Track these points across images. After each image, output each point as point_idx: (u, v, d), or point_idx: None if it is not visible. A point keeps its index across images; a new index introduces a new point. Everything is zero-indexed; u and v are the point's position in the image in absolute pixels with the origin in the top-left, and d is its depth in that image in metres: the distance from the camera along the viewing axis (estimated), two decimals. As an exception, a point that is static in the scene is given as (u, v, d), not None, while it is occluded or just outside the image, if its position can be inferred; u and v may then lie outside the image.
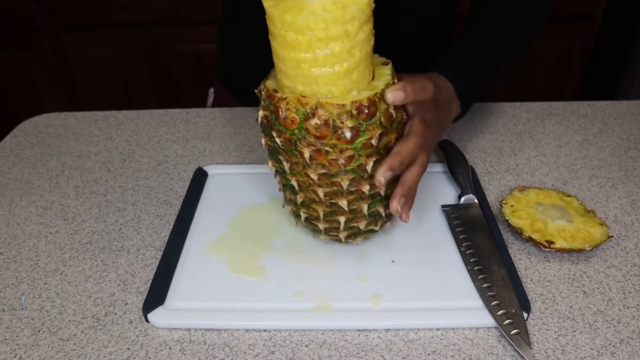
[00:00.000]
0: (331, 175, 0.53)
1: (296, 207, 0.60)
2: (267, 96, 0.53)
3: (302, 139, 0.51)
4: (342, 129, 0.50)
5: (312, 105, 0.50)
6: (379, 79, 0.54)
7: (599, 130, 0.90)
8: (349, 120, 0.50)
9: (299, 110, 0.51)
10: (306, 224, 0.61)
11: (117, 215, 0.72)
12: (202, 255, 0.63)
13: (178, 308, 0.56)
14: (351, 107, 0.50)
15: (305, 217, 0.59)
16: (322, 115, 0.50)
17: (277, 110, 0.52)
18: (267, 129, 0.54)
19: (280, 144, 0.53)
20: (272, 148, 0.55)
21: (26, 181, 0.79)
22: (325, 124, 0.50)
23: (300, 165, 0.54)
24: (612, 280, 0.60)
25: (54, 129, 0.93)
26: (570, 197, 0.70)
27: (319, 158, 0.52)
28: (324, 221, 0.58)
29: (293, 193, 0.58)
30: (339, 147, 0.51)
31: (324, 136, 0.51)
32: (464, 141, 0.86)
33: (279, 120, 0.52)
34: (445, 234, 0.66)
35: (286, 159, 0.54)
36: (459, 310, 0.55)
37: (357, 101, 0.50)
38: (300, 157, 0.52)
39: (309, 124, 0.50)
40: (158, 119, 0.95)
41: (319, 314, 0.55)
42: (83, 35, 2.07)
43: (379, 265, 0.61)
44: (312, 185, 0.55)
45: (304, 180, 0.55)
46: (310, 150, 0.51)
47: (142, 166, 0.82)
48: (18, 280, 0.61)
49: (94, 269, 0.63)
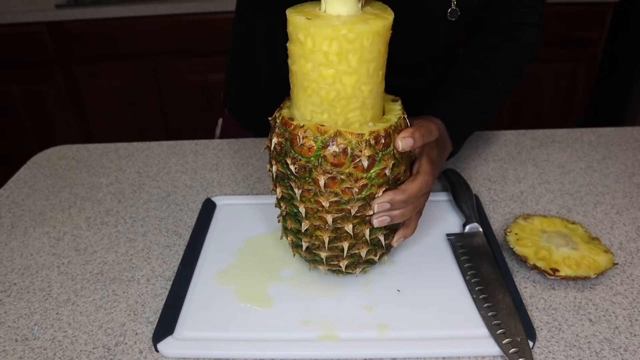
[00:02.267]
0: (342, 203, 0.54)
1: (297, 237, 0.60)
2: (282, 124, 0.54)
3: (318, 167, 0.52)
4: (359, 157, 0.52)
5: (331, 133, 0.52)
6: (391, 113, 0.57)
7: (603, 156, 0.90)
8: (366, 149, 0.52)
9: (317, 138, 0.52)
10: (306, 254, 0.61)
11: (128, 246, 0.73)
12: (211, 285, 0.64)
13: (187, 338, 0.57)
14: (369, 137, 0.52)
15: (306, 247, 0.60)
16: (341, 143, 0.51)
17: (293, 137, 0.53)
18: (280, 155, 0.55)
19: (294, 171, 0.54)
20: (283, 174, 0.56)
21: (39, 212, 0.81)
22: (343, 152, 0.52)
23: (312, 193, 0.54)
24: (619, 308, 0.60)
25: (67, 160, 0.95)
26: (574, 225, 0.71)
27: (333, 186, 0.53)
28: (328, 249, 0.59)
29: (296, 221, 0.59)
30: (355, 175, 0.53)
31: (340, 164, 0.52)
32: (468, 170, 0.87)
33: (295, 148, 0.53)
34: (450, 263, 0.66)
35: (298, 186, 0.55)
36: (465, 339, 0.55)
37: (375, 131, 0.52)
38: (314, 184, 0.53)
39: (327, 151, 0.52)
40: (167, 151, 0.97)
41: (325, 344, 0.56)
42: (94, 67, 2.12)
43: (384, 295, 0.62)
44: (321, 212, 0.55)
45: (313, 207, 0.55)
46: (325, 178, 0.53)
47: (152, 197, 0.84)
48: (31, 311, 0.63)
49: (105, 299, 0.64)
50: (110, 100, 2.19)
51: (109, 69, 2.13)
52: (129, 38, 2.06)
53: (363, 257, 0.59)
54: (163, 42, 2.07)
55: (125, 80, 2.15)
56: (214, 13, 2.00)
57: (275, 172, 0.57)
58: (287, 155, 0.54)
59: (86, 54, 2.10)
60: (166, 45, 2.07)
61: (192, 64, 2.11)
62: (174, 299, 0.62)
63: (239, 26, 0.96)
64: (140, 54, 2.09)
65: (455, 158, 0.90)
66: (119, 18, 2.01)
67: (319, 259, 0.60)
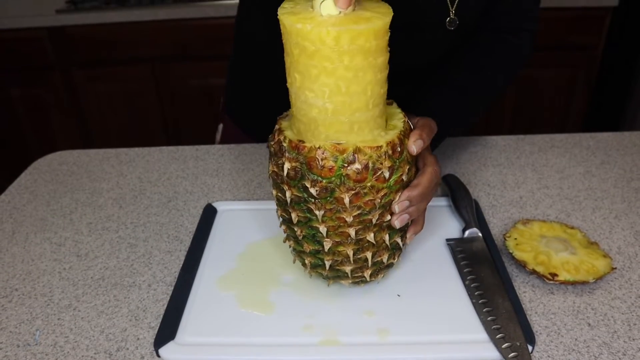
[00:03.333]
0: (364, 214, 0.54)
1: (316, 258, 0.59)
2: (292, 147, 0.53)
3: (341, 185, 0.52)
4: (381, 170, 0.52)
5: (350, 151, 0.51)
6: (394, 118, 0.57)
7: (602, 161, 0.91)
8: (386, 160, 0.52)
9: (337, 157, 0.51)
10: (328, 273, 0.60)
11: (129, 251, 0.73)
12: (212, 290, 0.64)
13: (189, 343, 0.57)
14: (387, 148, 0.52)
15: (329, 265, 0.58)
16: (362, 159, 0.51)
17: (310, 160, 0.52)
18: (295, 180, 0.53)
19: (315, 194, 0.52)
20: (299, 199, 0.54)
21: (41, 218, 0.81)
22: (365, 167, 0.51)
23: (334, 211, 0.54)
24: (617, 312, 0.60)
25: (68, 166, 0.96)
26: (573, 229, 0.71)
27: (356, 201, 0.53)
28: (353, 262, 0.58)
29: (315, 242, 0.57)
30: (376, 187, 0.53)
31: (363, 179, 0.52)
32: (467, 175, 0.88)
33: (314, 170, 0.52)
34: (449, 268, 0.67)
35: (318, 207, 0.53)
36: (464, 344, 0.56)
37: (391, 141, 0.52)
38: (336, 202, 0.53)
39: (350, 169, 0.51)
40: (168, 156, 0.97)
41: (326, 349, 0.56)
42: (94, 72, 2.13)
43: (385, 299, 0.62)
44: (343, 227, 0.55)
45: (334, 225, 0.55)
46: (349, 195, 0.52)
47: (152, 203, 0.84)
48: (32, 316, 0.63)
49: (107, 304, 0.64)
50: (110, 105, 2.20)
51: (109, 73, 2.14)
52: (129, 43, 2.07)
53: (385, 262, 0.59)
54: (163, 47, 2.07)
55: (126, 85, 2.16)
56: (214, 18, 2.00)
57: (290, 198, 0.55)
58: (305, 179, 0.52)
59: (86, 59, 2.11)
60: (166, 50, 2.08)
61: (192, 69, 2.12)
62: (175, 304, 0.62)
63: (240, 31, 0.97)
64: (141, 58, 2.10)
65: (455, 163, 0.90)
66: (119, 23, 2.02)
67: (342, 274, 0.59)
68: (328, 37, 0.47)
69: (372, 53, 0.49)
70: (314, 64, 0.48)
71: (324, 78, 0.49)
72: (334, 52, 0.47)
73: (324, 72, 0.49)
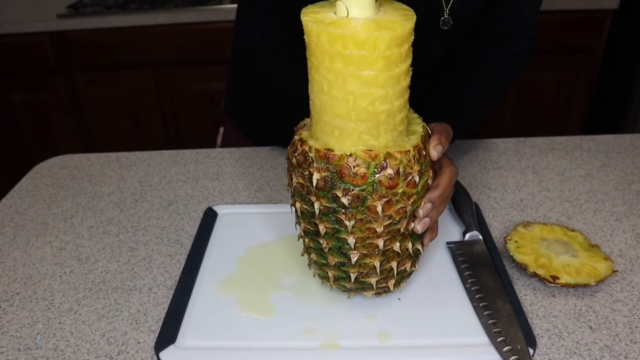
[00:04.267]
0: (394, 223, 0.53)
1: (340, 271, 0.57)
2: (321, 157, 0.51)
3: (374, 193, 0.51)
4: (411, 175, 0.51)
5: (382, 156, 0.50)
6: (413, 122, 0.57)
7: (603, 164, 0.91)
8: (415, 164, 0.52)
9: (370, 164, 0.50)
10: (353, 285, 0.58)
11: (130, 255, 0.73)
12: (213, 294, 0.64)
13: (189, 347, 0.57)
14: (415, 152, 0.52)
15: (355, 277, 0.57)
16: (394, 164, 0.51)
17: (341, 168, 0.51)
18: (324, 191, 0.52)
19: (347, 203, 0.51)
20: (328, 209, 0.53)
21: (42, 222, 0.81)
22: (397, 173, 0.51)
23: (364, 222, 0.52)
24: (619, 315, 0.60)
25: (69, 170, 0.96)
26: (574, 232, 0.71)
27: (387, 209, 0.52)
28: (380, 272, 0.57)
29: (340, 255, 0.56)
30: (407, 193, 0.52)
31: (395, 185, 0.51)
32: (468, 178, 0.88)
33: (346, 179, 0.51)
34: (450, 271, 0.67)
35: (349, 218, 0.52)
36: (465, 347, 0.56)
37: (417, 145, 0.52)
38: (368, 212, 0.52)
39: (382, 175, 0.50)
40: (169, 160, 0.97)
41: (327, 352, 0.56)
42: (95, 76, 2.13)
43: (385, 303, 0.62)
44: (371, 238, 0.54)
45: (363, 236, 0.54)
46: (382, 203, 0.51)
47: (153, 206, 0.84)
48: (33, 320, 0.63)
49: (107, 308, 0.64)
50: (111, 109, 2.20)
51: (110, 78, 2.14)
52: (130, 47, 2.07)
53: (407, 270, 0.59)
54: (164, 51, 2.08)
55: (127, 89, 2.16)
56: (215, 22, 2.01)
57: (319, 209, 0.53)
58: (336, 188, 0.51)
59: (87, 63, 2.11)
60: (167, 54, 2.08)
61: (193, 73, 2.12)
62: (176, 308, 0.62)
63: (239, 34, 0.97)
64: (141, 62, 2.10)
65: (455, 166, 0.90)
66: (120, 28, 2.02)
67: (367, 285, 0.58)
68: (378, 41, 0.46)
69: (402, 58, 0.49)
70: (351, 69, 0.48)
71: (361, 82, 0.48)
72: (374, 56, 0.47)
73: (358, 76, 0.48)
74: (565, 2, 1.93)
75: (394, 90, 0.50)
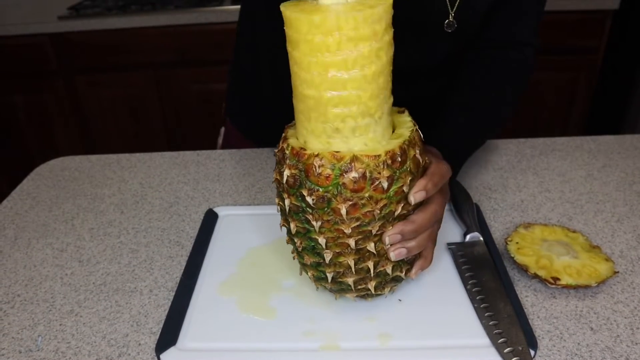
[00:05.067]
0: (363, 225, 0.53)
1: (318, 271, 0.57)
2: (293, 155, 0.52)
3: (338, 195, 0.50)
4: (379, 180, 0.50)
5: (347, 159, 0.50)
6: (402, 126, 0.56)
7: (603, 164, 0.91)
8: (385, 170, 0.50)
9: (335, 165, 0.50)
10: (332, 285, 0.58)
11: (131, 257, 0.73)
12: (214, 295, 0.64)
13: (190, 348, 0.57)
14: (386, 157, 0.50)
15: (332, 277, 0.57)
16: (359, 168, 0.50)
17: (308, 167, 0.51)
18: (294, 188, 0.52)
19: (312, 203, 0.51)
20: (297, 208, 0.53)
21: (43, 224, 0.81)
22: (362, 176, 0.50)
23: (332, 222, 0.52)
24: (620, 317, 0.60)
25: (69, 172, 0.96)
26: (575, 233, 0.71)
27: (354, 212, 0.51)
28: (355, 272, 0.56)
29: (315, 254, 0.56)
30: (375, 197, 0.51)
31: (360, 189, 0.50)
32: (468, 178, 0.88)
33: (311, 178, 0.51)
34: (451, 272, 0.67)
35: (315, 218, 0.52)
36: (466, 349, 0.55)
37: (390, 150, 0.51)
38: (334, 214, 0.51)
39: (347, 178, 0.50)
40: (169, 161, 0.98)
41: (327, 354, 0.56)
42: (96, 78, 2.14)
43: (386, 305, 0.62)
44: (342, 238, 0.53)
45: (333, 236, 0.53)
46: (346, 206, 0.51)
47: (154, 208, 0.84)
48: (34, 322, 0.63)
49: (108, 309, 0.64)
50: (112, 110, 2.20)
51: (110, 79, 2.14)
52: (131, 49, 2.07)
53: (390, 274, 0.57)
54: (165, 53, 2.08)
55: (127, 91, 2.16)
56: (215, 24, 2.01)
57: (289, 207, 0.54)
58: (303, 187, 0.51)
59: (88, 65, 2.12)
60: (168, 56, 2.09)
61: (194, 75, 2.12)
62: (176, 309, 0.62)
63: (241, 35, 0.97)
64: (142, 64, 2.11)
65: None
66: (121, 29, 2.02)
67: (346, 286, 0.58)
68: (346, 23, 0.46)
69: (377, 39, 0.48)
70: (319, 55, 0.48)
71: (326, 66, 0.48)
72: (343, 39, 0.47)
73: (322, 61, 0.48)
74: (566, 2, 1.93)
75: (361, 76, 0.49)
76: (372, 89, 0.50)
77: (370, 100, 0.50)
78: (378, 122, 0.52)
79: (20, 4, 2.30)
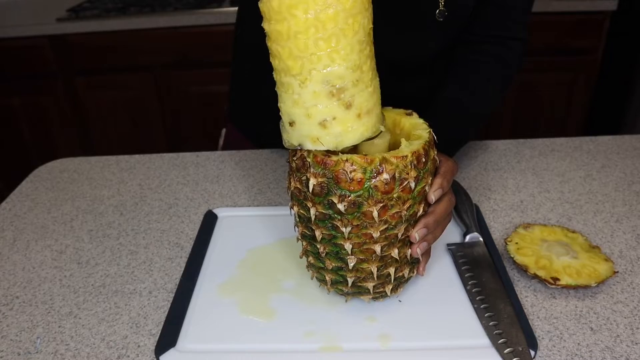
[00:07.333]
0: (390, 228, 0.53)
1: (338, 275, 0.58)
2: (317, 162, 0.52)
3: (369, 198, 0.51)
4: (407, 180, 0.51)
5: (377, 161, 0.50)
6: (418, 128, 0.57)
7: (602, 165, 0.91)
8: (412, 170, 0.52)
9: (366, 169, 0.50)
10: (350, 289, 0.59)
11: (130, 258, 0.73)
12: (213, 297, 0.64)
13: (190, 350, 0.57)
14: (412, 158, 0.52)
15: (352, 282, 0.57)
16: (390, 169, 0.51)
17: (338, 174, 0.51)
18: (321, 197, 0.52)
19: (343, 209, 0.51)
20: (324, 216, 0.53)
21: (41, 225, 0.81)
22: (392, 178, 0.51)
23: (360, 227, 0.53)
24: (620, 316, 0.60)
25: (68, 173, 0.96)
26: (574, 233, 0.71)
27: (383, 214, 0.52)
28: (377, 278, 0.57)
29: (338, 259, 0.56)
30: (402, 198, 0.52)
31: (391, 190, 0.51)
32: (468, 179, 0.88)
33: (342, 184, 0.51)
34: (451, 273, 0.66)
35: (345, 224, 0.52)
36: (466, 349, 0.55)
37: (416, 151, 0.52)
38: (364, 217, 0.52)
39: (378, 180, 0.51)
40: (169, 163, 0.97)
41: (328, 355, 0.56)
42: (96, 80, 2.13)
43: (386, 305, 0.62)
44: (368, 244, 0.54)
45: (360, 242, 0.54)
46: (377, 208, 0.51)
47: (153, 209, 0.84)
48: (33, 324, 0.63)
49: (107, 311, 0.64)
50: (111, 112, 2.20)
51: (110, 81, 2.14)
52: (130, 50, 2.07)
53: (406, 276, 0.59)
54: (164, 54, 2.08)
55: (127, 93, 2.16)
56: (215, 25, 2.01)
57: (315, 215, 0.54)
58: (332, 194, 0.51)
59: (88, 67, 2.11)
60: (167, 58, 2.08)
61: (194, 76, 2.12)
62: (176, 311, 0.62)
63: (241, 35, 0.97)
64: (142, 66, 2.10)
65: (455, 168, 0.90)
66: (120, 31, 2.02)
67: (364, 290, 0.58)
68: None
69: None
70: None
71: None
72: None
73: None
74: (564, 4, 1.94)
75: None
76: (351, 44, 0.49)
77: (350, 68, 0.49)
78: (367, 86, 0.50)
79: (19, 5, 2.30)
